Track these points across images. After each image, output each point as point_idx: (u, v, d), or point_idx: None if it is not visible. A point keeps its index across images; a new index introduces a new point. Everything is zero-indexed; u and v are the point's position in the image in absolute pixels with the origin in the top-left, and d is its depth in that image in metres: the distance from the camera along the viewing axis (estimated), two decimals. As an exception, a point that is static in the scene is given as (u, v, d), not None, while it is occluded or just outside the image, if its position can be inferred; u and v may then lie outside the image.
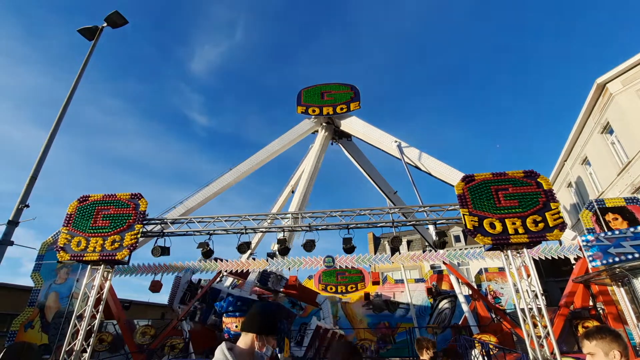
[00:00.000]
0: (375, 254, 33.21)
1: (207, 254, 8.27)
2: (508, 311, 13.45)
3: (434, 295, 18.79)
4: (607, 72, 15.40)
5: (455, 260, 11.50)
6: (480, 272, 18.96)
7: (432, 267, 26.64)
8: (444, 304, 18.47)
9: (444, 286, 19.56)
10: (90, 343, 7.31)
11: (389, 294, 21.03)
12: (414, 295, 19.94)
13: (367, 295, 19.95)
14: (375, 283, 13.92)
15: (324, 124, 19.51)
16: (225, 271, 13.45)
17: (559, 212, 7.33)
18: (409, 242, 33.92)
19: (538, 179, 7.77)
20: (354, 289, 20.63)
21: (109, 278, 8.01)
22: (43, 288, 11.54)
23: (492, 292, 17.41)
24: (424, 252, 13.44)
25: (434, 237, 8.15)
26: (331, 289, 20.86)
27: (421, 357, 4.36)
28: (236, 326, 6.34)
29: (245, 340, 1.99)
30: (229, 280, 19.60)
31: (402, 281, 20.89)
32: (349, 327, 19.56)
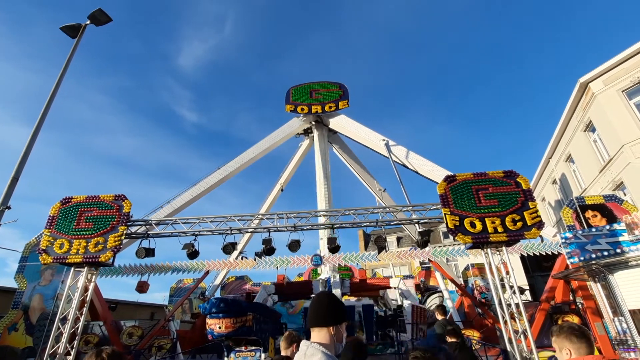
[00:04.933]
0: (365, 250, 33.44)
1: (193, 255, 8.28)
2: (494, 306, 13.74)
3: (422, 291, 19.07)
4: (589, 71, 15.72)
5: (441, 258, 11.68)
6: (467, 268, 19.30)
7: (422, 263, 26.96)
8: (431, 299, 18.73)
9: (432, 282, 19.84)
10: (74, 346, 7.28)
11: (378, 291, 21.23)
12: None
13: (357, 292, 20.13)
14: (363, 282, 14.08)
15: (312, 123, 19.54)
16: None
17: (537, 211, 7.51)
18: (399, 239, 34.25)
19: (517, 179, 7.94)
20: (343, 286, 20.81)
21: (92, 280, 7.96)
22: (27, 290, 11.41)
23: (478, 288, 17.74)
24: (410, 249, 13.61)
25: (417, 236, 8.29)
26: (321, 286, 21.01)
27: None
28: (219, 327, 6.36)
29: (321, 335, 1.83)
30: (218, 279, 19.62)
31: (391, 278, 21.11)
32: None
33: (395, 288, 15.48)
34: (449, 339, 5.00)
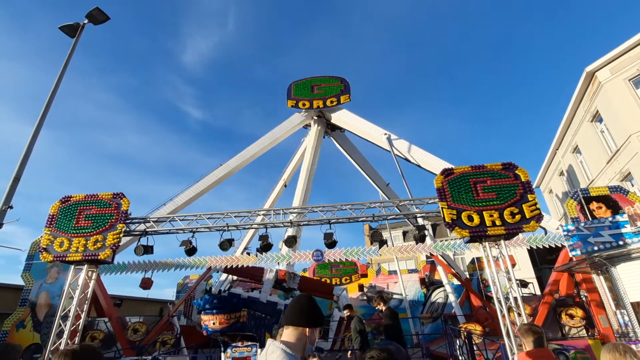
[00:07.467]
0: (371, 245, 33.39)
1: (190, 251, 8.34)
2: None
3: (427, 285, 18.98)
4: (596, 60, 15.33)
5: (441, 252, 11.59)
6: (472, 262, 19.12)
7: (427, 257, 26.80)
8: (436, 293, 18.63)
9: (437, 276, 19.71)
10: (76, 342, 7.41)
11: (383, 285, 21.17)
12: (408, 285, 20.08)
13: (361, 286, 20.12)
14: (363, 276, 14.01)
15: (314, 118, 19.45)
16: (221, 270, 13.54)
17: (536, 204, 7.37)
18: (404, 233, 34.12)
19: (516, 171, 7.79)
20: (348, 280, 20.80)
21: (93, 277, 8.08)
22: (34, 287, 11.65)
23: (484, 281, 17.57)
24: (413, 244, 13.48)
25: (415, 231, 8.22)
26: (325, 281, 21.05)
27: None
28: (213, 323, 6.45)
29: (294, 334, 1.83)
30: (223, 276, 19.75)
31: (395, 272, 21.03)
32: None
33: (336, 296, 15.10)
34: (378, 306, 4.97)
